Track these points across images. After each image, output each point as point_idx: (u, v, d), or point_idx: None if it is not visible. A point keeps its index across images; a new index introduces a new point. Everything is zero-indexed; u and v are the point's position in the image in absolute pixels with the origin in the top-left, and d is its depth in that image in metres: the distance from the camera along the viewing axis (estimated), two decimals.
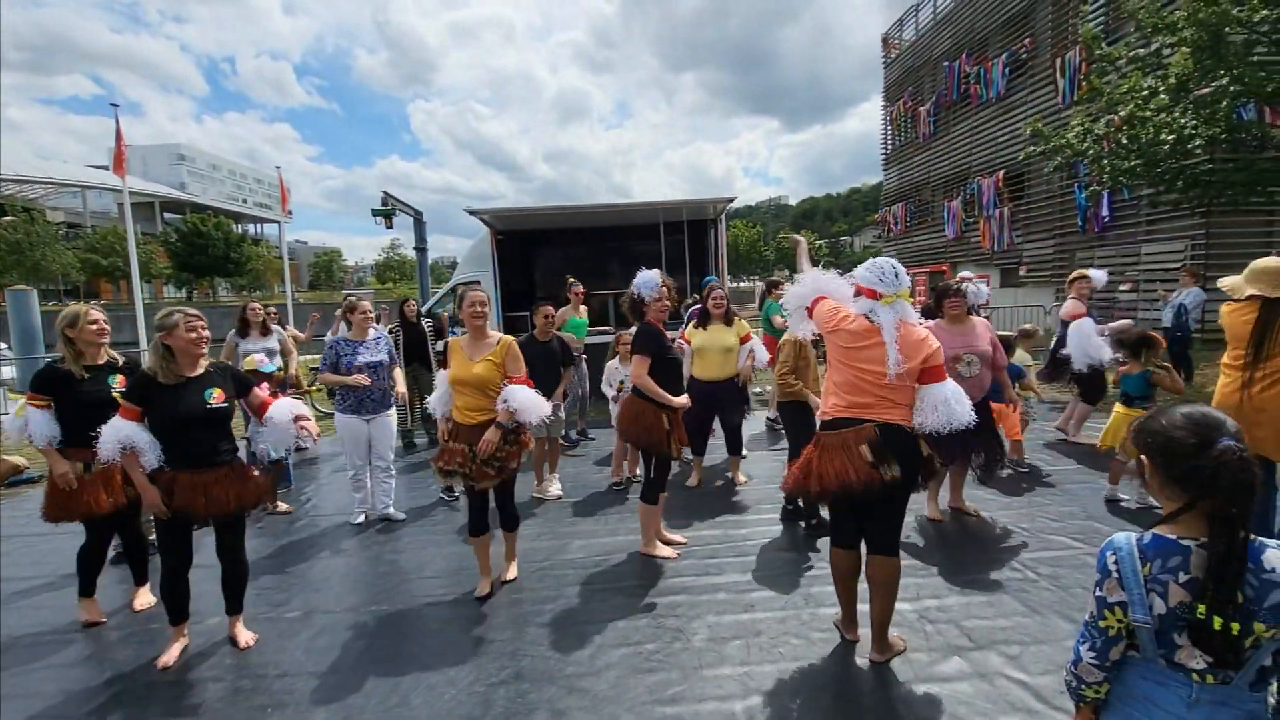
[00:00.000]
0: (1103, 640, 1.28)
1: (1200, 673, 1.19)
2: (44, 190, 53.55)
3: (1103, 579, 1.27)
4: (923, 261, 22.86)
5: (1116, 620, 1.26)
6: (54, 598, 3.73)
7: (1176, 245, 13.02)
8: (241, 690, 2.71)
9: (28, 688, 2.82)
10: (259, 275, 55.58)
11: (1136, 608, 1.22)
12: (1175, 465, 1.23)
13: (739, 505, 4.66)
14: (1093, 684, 1.31)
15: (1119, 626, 1.26)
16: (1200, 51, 7.88)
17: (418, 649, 2.96)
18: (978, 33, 19.36)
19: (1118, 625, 1.26)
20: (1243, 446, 1.17)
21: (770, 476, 5.25)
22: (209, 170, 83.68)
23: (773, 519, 4.35)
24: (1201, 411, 1.24)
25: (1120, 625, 1.26)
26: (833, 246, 77.14)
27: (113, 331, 3.37)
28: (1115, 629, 1.27)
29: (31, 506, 5.53)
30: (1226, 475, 1.15)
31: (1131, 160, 8.85)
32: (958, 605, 3.10)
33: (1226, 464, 1.15)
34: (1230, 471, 1.15)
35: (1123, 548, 1.26)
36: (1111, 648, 1.28)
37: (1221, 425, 1.20)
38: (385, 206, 11.95)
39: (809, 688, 2.53)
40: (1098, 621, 1.28)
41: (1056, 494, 4.58)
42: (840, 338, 2.61)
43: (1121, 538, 1.28)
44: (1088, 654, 1.30)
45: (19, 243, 40.93)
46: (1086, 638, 1.31)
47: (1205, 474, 1.18)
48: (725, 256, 10.23)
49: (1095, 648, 1.29)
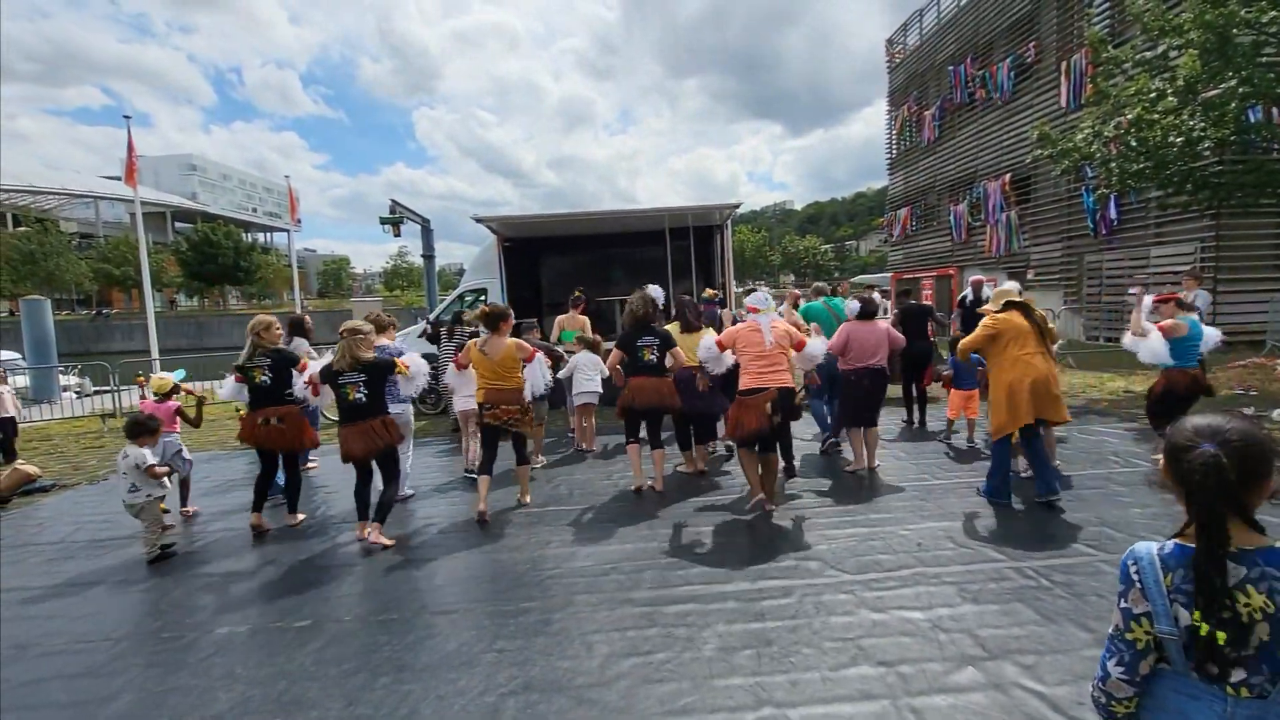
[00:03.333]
0: (1131, 654, 1.23)
1: (1235, 685, 1.15)
2: (57, 201, 54.26)
3: (1126, 590, 1.24)
4: (929, 265, 22.80)
5: (1144, 632, 1.21)
6: (64, 606, 3.75)
7: (1186, 248, 12.93)
8: (251, 700, 2.71)
9: (37, 698, 2.83)
10: (268, 284, 56.01)
11: (1161, 619, 1.19)
12: (1172, 470, 1.24)
13: (746, 513, 4.64)
14: (1123, 699, 1.26)
15: (1147, 639, 1.22)
16: (1208, 53, 7.85)
17: (427, 658, 2.95)
18: (982, 36, 19.34)
19: (1145, 637, 1.22)
20: (1217, 453, 1.16)
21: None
22: (220, 180, 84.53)
23: (779, 528, 4.32)
24: (1210, 418, 1.22)
25: (1148, 637, 1.22)
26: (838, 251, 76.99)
27: (125, 340, 3.41)
28: (1144, 641, 1.22)
29: (44, 515, 5.59)
30: (1196, 478, 1.16)
31: (1140, 163, 8.81)
32: (971, 614, 3.07)
33: (1195, 468, 1.16)
34: (1197, 475, 1.16)
35: (1143, 557, 1.23)
36: (1141, 661, 1.23)
37: (1215, 431, 1.18)
38: (393, 215, 12.03)
39: (821, 698, 2.51)
40: (1124, 634, 1.24)
41: (1069, 499, 4.53)
42: (740, 341, 4.69)
43: (1142, 547, 1.25)
44: (1116, 669, 1.25)
45: (33, 253, 41.48)
46: (1113, 652, 1.26)
47: (1184, 478, 1.19)
48: (731, 262, 10.23)
49: (1124, 662, 1.24)
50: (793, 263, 64.42)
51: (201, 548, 4.60)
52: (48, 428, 10.05)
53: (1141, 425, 6.45)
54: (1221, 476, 1.14)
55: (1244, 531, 1.18)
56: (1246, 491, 1.17)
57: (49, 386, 12.82)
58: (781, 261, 65.81)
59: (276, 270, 55.67)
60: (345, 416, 4.37)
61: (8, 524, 5.44)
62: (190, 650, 3.15)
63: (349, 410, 4.33)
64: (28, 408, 11.43)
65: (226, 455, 7.61)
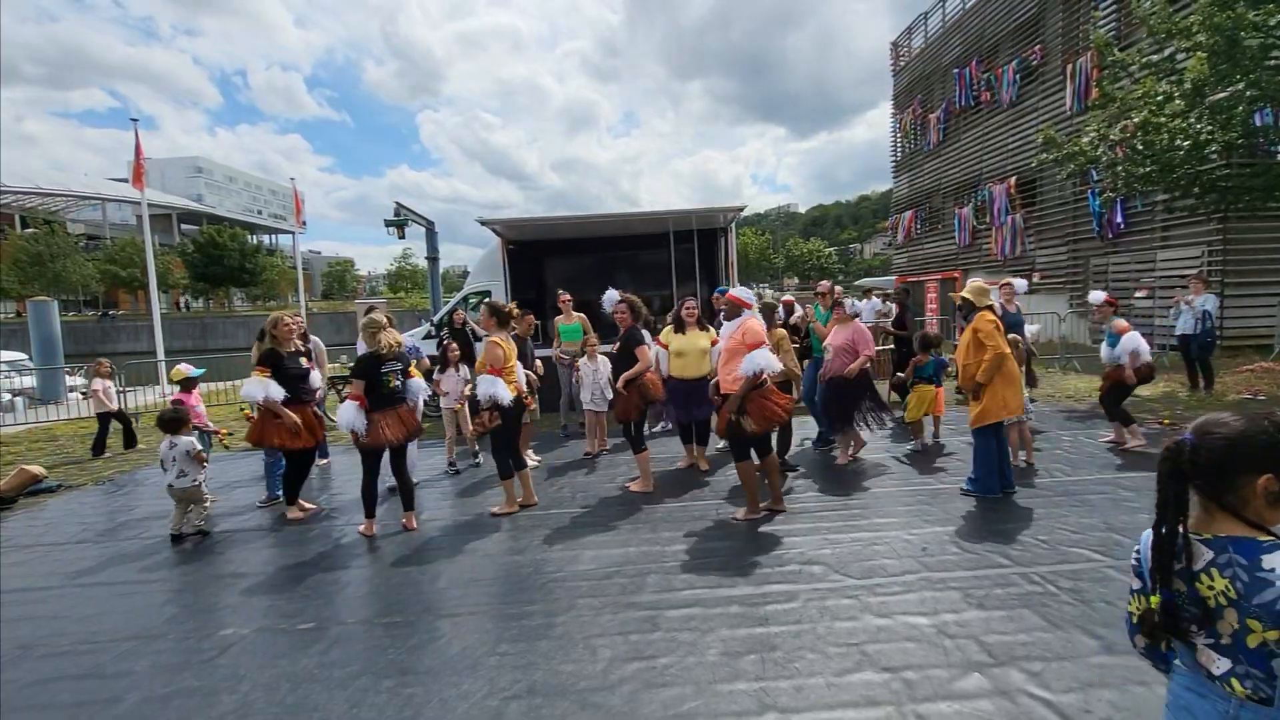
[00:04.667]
0: (1129, 625, 1.38)
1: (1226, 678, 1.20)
2: (64, 203, 54.59)
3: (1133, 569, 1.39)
4: (933, 269, 22.72)
5: (1137, 606, 1.34)
6: (69, 606, 3.76)
7: (1193, 251, 12.85)
8: (254, 702, 2.71)
9: (43, 699, 2.84)
10: (274, 285, 56.19)
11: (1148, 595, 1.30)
12: None
13: (749, 517, 4.62)
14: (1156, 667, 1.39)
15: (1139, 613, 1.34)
16: (1216, 56, 7.81)
17: (430, 662, 2.94)
18: (988, 39, 19.30)
19: (1139, 611, 1.33)
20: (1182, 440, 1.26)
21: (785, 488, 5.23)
22: (225, 182, 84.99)
23: (784, 530, 4.31)
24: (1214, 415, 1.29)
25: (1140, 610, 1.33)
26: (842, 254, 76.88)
27: (131, 341, 3.44)
28: (1138, 615, 1.34)
29: (50, 516, 5.61)
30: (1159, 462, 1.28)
31: (1147, 166, 8.77)
32: (976, 620, 3.05)
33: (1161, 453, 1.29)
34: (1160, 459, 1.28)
35: (1144, 540, 1.33)
36: (1135, 634, 1.36)
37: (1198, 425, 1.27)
38: (398, 217, 12.05)
39: (826, 704, 2.49)
40: (1128, 608, 1.38)
41: (1075, 505, 4.51)
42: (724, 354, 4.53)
43: (1147, 532, 1.33)
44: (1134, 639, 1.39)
45: (40, 254, 41.72)
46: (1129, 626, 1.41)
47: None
48: (735, 265, 10.23)
49: (1130, 634, 1.39)
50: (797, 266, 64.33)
51: (206, 548, 4.62)
52: (53, 428, 10.09)
53: (1149, 430, 6.41)
54: (1175, 462, 1.25)
55: (1227, 520, 1.23)
56: (1220, 480, 1.22)
57: (55, 387, 12.88)
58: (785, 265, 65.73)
59: (281, 272, 55.85)
60: (384, 403, 4.56)
61: (13, 524, 5.47)
62: (195, 652, 3.15)
63: (388, 397, 4.58)
64: (33, 408, 11.49)
65: (230, 457, 7.63)
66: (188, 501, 4.84)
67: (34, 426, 10.24)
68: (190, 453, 4.81)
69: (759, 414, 4.35)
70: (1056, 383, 9.66)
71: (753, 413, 4.34)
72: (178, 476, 4.78)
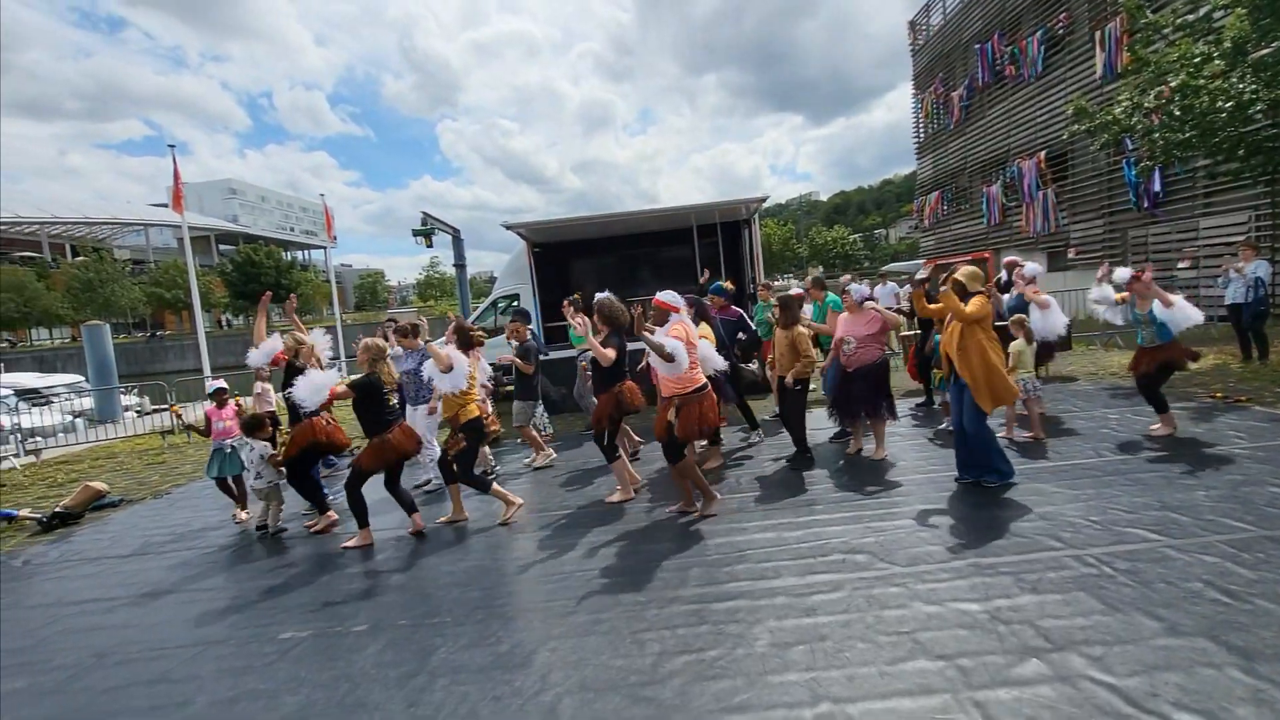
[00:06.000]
0: None
1: None
2: (110, 230, 56.96)
3: None
4: (962, 250, 22.18)
5: None
6: (139, 615, 3.94)
7: (1239, 217, 12.29)
8: (316, 703, 2.80)
9: (119, 704, 2.98)
10: (308, 299, 57.73)
11: None
12: None
13: (790, 508, 4.60)
14: None
15: None
16: (1258, 10, 7.46)
17: (482, 660, 3.00)
18: (1009, 11, 18.75)
19: None
20: None
21: (818, 478, 5.18)
22: (258, 202, 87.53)
23: (825, 519, 4.27)
24: None
25: None
26: (867, 240, 75.52)
27: (178, 360, 3.61)
28: None
29: (114, 530, 5.88)
30: None
31: (1185, 132, 8.42)
32: (1031, 604, 2.98)
33: None
34: None
35: None
36: None
37: None
38: (425, 226, 12.28)
39: (880, 693, 2.47)
40: None
41: (1127, 484, 4.36)
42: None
43: None
44: None
45: (90, 281, 43.67)
46: None
47: None
48: (760, 257, 10.15)
49: None
50: (821, 254, 63.33)
51: (255, 555, 4.79)
52: (112, 446, 10.55)
53: (1200, 405, 6.17)
54: None
55: None
56: None
57: (112, 408, 13.46)
58: (809, 253, 64.78)
59: (315, 286, 57.34)
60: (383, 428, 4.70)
61: (82, 539, 5.74)
62: (256, 655, 3.28)
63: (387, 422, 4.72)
64: (92, 428, 12.03)
65: None
66: (269, 499, 5.26)
67: (94, 445, 10.73)
68: (264, 456, 5.26)
69: (688, 420, 4.33)
70: (1099, 360, 9.35)
71: (684, 418, 4.34)
72: (255, 477, 5.28)
